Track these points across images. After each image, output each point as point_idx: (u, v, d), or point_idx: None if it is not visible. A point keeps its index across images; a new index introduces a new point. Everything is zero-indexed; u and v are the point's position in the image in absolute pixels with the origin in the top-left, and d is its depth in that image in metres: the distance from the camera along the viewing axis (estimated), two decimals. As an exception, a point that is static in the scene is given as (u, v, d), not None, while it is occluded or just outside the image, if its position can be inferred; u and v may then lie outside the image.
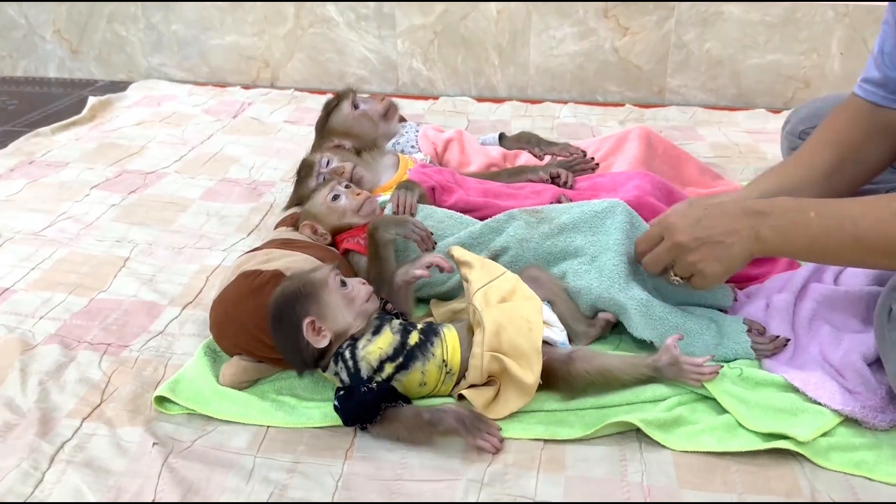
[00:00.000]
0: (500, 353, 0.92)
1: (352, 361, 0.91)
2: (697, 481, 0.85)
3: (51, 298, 1.22)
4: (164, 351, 1.09)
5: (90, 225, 1.48)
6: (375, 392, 0.89)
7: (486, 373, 0.93)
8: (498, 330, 0.93)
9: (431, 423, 0.88)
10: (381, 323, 0.95)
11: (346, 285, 0.96)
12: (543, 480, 0.85)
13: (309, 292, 0.93)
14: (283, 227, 1.29)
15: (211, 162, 1.82)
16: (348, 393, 0.90)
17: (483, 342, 0.92)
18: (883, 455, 0.87)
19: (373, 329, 0.94)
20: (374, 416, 0.89)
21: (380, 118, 1.53)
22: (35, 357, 1.06)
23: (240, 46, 2.55)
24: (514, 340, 0.93)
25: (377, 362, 0.91)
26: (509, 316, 0.95)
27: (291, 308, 0.93)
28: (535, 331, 0.94)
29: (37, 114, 2.27)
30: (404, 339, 0.93)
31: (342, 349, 0.93)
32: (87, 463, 0.88)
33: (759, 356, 1.02)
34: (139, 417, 0.95)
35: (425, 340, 0.94)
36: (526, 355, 0.92)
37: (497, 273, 1.02)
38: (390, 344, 0.92)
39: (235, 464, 0.88)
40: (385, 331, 0.94)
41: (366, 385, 0.90)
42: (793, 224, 0.92)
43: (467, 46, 2.42)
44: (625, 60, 2.36)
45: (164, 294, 1.24)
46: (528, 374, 0.92)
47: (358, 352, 0.92)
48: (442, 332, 0.96)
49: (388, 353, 0.92)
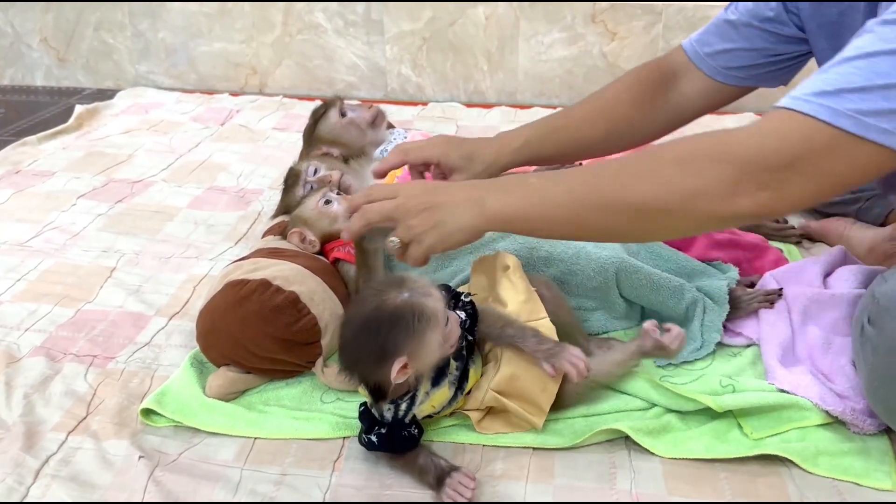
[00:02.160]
0: (506, 396, 0.90)
1: (403, 412, 0.86)
2: (686, 488, 0.84)
3: (37, 310, 1.21)
4: (151, 362, 1.08)
5: (77, 235, 1.47)
6: (416, 438, 0.87)
7: (484, 406, 0.92)
8: (512, 377, 0.90)
9: (419, 470, 0.85)
10: (442, 370, 0.88)
11: (448, 323, 0.85)
12: (532, 490, 0.85)
13: (418, 328, 0.80)
14: (271, 236, 1.29)
15: (199, 170, 1.81)
16: (390, 435, 0.86)
17: (493, 379, 0.90)
18: (871, 460, 0.87)
19: (433, 377, 0.87)
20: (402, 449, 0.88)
21: (368, 126, 1.53)
22: (20, 370, 1.05)
23: (228, 53, 2.54)
24: (524, 392, 0.90)
25: (423, 415, 0.89)
26: (528, 372, 0.90)
27: (392, 335, 0.80)
28: (548, 391, 0.90)
29: (23, 122, 2.26)
30: (457, 389, 0.90)
31: (401, 399, 0.86)
32: (73, 477, 0.87)
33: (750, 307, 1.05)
34: (125, 430, 0.94)
35: (457, 388, 0.90)
36: (534, 406, 0.91)
37: (538, 315, 0.93)
38: (443, 401, 0.89)
39: (222, 476, 0.87)
40: (444, 385, 0.89)
41: (407, 430, 0.87)
42: (515, 188, 0.89)
43: (456, 52, 2.42)
44: (613, 65, 2.36)
45: (151, 304, 1.23)
46: (536, 417, 0.90)
47: (415, 407, 0.87)
48: (469, 376, 0.92)
49: (439, 409, 0.89)
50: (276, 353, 1.00)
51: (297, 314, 1.01)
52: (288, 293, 1.01)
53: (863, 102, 0.74)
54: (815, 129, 0.76)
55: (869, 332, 0.87)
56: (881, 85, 0.73)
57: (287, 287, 1.02)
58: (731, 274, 1.14)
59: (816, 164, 0.77)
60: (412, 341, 0.80)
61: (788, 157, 0.77)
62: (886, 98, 0.73)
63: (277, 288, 1.01)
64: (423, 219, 0.88)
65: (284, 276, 1.04)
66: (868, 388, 0.87)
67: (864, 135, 0.74)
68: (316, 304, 1.03)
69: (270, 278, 1.03)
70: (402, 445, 0.87)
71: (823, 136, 0.75)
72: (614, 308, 1.10)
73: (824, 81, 0.77)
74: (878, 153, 0.75)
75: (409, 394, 0.86)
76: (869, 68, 0.74)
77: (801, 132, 0.77)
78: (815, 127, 0.76)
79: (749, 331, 1.07)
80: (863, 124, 0.74)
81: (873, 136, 0.74)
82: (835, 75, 0.76)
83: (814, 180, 0.78)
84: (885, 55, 0.74)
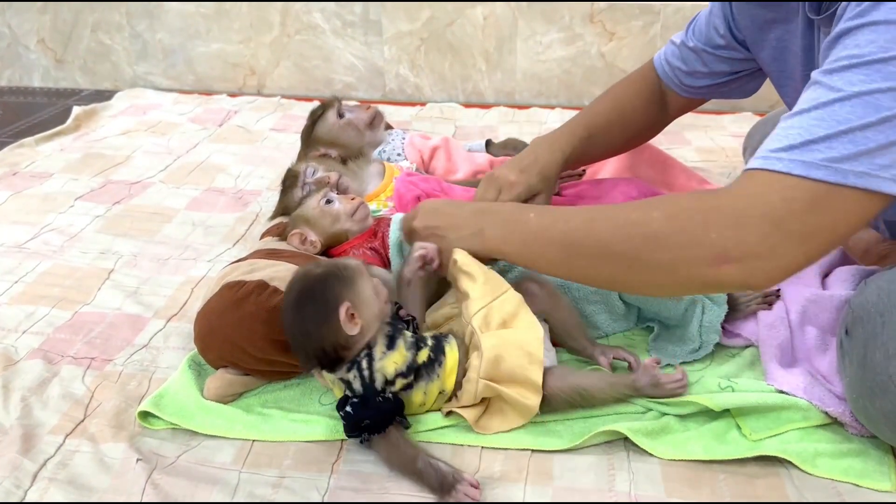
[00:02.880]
0: (496, 381, 0.90)
1: (368, 371, 0.89)
2: (685, 490, 0.84)
3: (34, 312, 1.21)
4: (149, 365, 1.08)
5: (74, 237, 1.47)
6: (392, 402, 0.88)
7: (479, 397, 0.92)
8: (496, 358, 0.90)
9: (417, 474, 0.85)
10: (394, 334, 0.92)
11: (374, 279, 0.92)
12: (531, 492, 0.84)
13: (347, 275, 0.89)
14: (269, 237, 1.28)
15: (197, 171, 1.81)
16: (363, 401, 0.88)
17: (480, 368, 0.90)
18: (871, 461, 0.87)
19: (386, 341, 0.91)
20: (386, 427, 0.87)
21: (366, 127, 1.53)
22: (18, 372, 1.05)
23: (226, 54, 2.54)
24: (513, 372, 0.90)
25: (392, 376, 0.89)
26: (509, 345, 0.91)
27: (329, 289, 0.88)
28: (534, 363, 0.91)
29: (21, 124, 2.26)
30: (414, 356, 0.91)
31: (360, 357, 0.90)
32: (70, 480, 0.87)
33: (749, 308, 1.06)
34: (123, 433, 0.94)
35: (433, 360, 0.92)
36: (526, 386, 0.90)
37: (501, 290, 0.96)
38: (404, 361, 0.90)
39: (220, 479, 0.87)
40: (399, 345, 0.91)
41: (380, 395, 0.88)
42: (513, 223, 0.94)
43: (454, 52, 2.42)
44: (611, 65, 2.36)
45: (149, 306, 1.23)
46: (530, 398, 0.90)
47: (375, 363, 0.89)
48: (446, 352, 0.93)
49: (402, 370, 0.90)
50: (273, 354, 1.00)
51: (294, 316, 1.01)
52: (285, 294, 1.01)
53: (831, 151, 0.74)
54: (791, 185, 0.75)
55: (845, 343, 0.86)
56: (843, 130, 0.73)
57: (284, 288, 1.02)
58: None
59: (803, 222, 0.75)
60: (347, 289, 0.88)
61: (773, 220, 0.76)
62: (853, 142, 0.73)
63: (275, 289, 1.01)
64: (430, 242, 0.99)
65: (282, 278, 1.04)
66: (848, 398, 0.87)
67: (843, 181, 0.73)
68: (314, 306, 1.03)
69: (268, 279, 1.02)
70: (380, 411, 0.87)
71: (802, 191, 0.75)
72: (614, 310, 1.10)
73: (788, 136, 0.77)
74: (859, 198, 0.74)
75: (366, 351, 0.89)
76: (829, 117, 0.74)
77: (778, 191, 0.76)
78: (792, 183, 0.75)
79: (747, 332, 1.06)
80: (839, 171, 0.74)
81: (852, 181, 0.73)
82: (797, 130, 0.76)
83: (803, 240, 0.76)
84: (838, 102, 0.74)
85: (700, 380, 0.99)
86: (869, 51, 0.73)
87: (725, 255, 0.77)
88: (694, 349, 1.04)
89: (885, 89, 0.72)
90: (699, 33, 1.18)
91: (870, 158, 0.73)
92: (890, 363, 0.78)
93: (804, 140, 0.75)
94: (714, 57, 1.17)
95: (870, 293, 0.84)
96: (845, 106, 0.74)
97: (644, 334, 1.11)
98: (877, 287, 0.84)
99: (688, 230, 0.80)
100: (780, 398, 0.92)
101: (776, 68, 1.09)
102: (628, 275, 0.85)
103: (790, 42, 1.02)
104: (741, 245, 0.77)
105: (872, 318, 0.81)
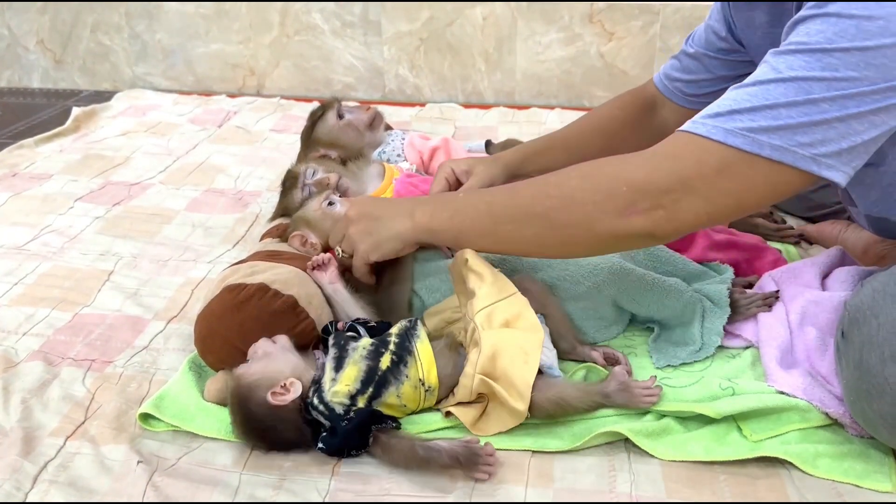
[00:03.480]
0: (491, 377, 0.90)
1: (322, 405, 0.88)
2: (686, 491, 0.84)
3: (34, 314, 1.21)
4: (149, 366, 1.08)
5: (74, 238, 1.47)
6: (356, 420, 0.87)
7: (475, 393, 0.91)
8: (494, 354, 0.90)
9: (426, 461, 0.85)
10: (340, 354, 0.92)
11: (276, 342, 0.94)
12: (532, 494, 0.84)
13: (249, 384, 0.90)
14: (269, 239, 1.28)
15: (196, 172, 1.81)
16: (331, 432, 0.88)
17: (477, 363, 0.90)
18: (871, 462, 0.87)
19: (334, 363, 0.91)
20: (364, 442, 0.87)
21: (365, 128, 1.53)
22: (18, 374, 1.05)
23: (225, 54, 2.54)
24: (508, 370, 0.90)
25: (349, 399, 0.88)
26: (508, 343, 0.91)
27: (250, 401, 0.89)
28: (530, 364, 0.90)
29: (20, 125, 2.26)
30: (374, 364, 0.90)
31: (310, 398, 0.89)
32: (71, 483, 0.87)
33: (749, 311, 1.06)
34: (123, 435, 0.94)
35: (398, 362, 0.91)
36: (516, 387, 0.89)
37: (507, 292, 0.96)
38: (357, 378, 0.89)
39: (221, 481, 0.87)
40: (348, 363, 0.91)
41: (345, 419, 0.87)
42: (442, 202, 0.98)
43: (454, 53, 2.42)
44: (611, 65, 2.36)
45: (149, 308, 1.23)
46: (518, 401, 0.89)
47: (325, 394, 0.88)
48: (415, 348, 0.93)
49: (356, 387, 0.88)
50: (274, 356, 1.00)
51: (295, 318, 1.01)
52: (286, 297, 1.01)
53: (752, 121, 0.77)
54: (707, 148, 0.80)
55: (842, 345, 0.86)
56: (768, 105, 0.77)
57: (285, 291, 1.02)
58: (725, 275, 1.14)
59: (710, 184, 0.80)
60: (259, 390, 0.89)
61: (681, 177, 0.81)
62: (775, 117, 0.77)
63: (276, 292, 1.01)
64: (360, 228, 1.01)
65: (283, 280, 1.04)
66: (846, 400, 0.87)
67: (758, 152, 0.77)
68: (314, 308, 1.03)
69: (268, 282, 1.02)
70: (349, 435, 0.87)
71: (716, 155, 0.79)
72: (604, 316, 1.09)
73: (718, 105, 0.81)
74: (771, 170, 0.78)
75: (314, 387, 0.90)
76: (761, 94, 0.78)
77: (694, 152, 0.80)
78: (708, 146, 0.79)
79: (747, 332, 1.06)
80: (755, 142, 0.77)
81: (767, 153, 0.77)
82: (729, 101, 0.80)
83: (708, 199, 0.81)
84: (774, 83, 0.78)
85: (701, 380, 0.99)
86: (816, 40, 0.76)
87: (634, 206, 0.83)
88: (695, 350, 1.03)
89: (820, 78, 0.76)
90: (699, 39, 1.18)
91: (790, 134, 0.77)
92: (886, 366, 0.78)
93: (730, 109, 0.79)
94: (717, 61, 1.17)
95: (865, 295, 0.85)
96: (780, 86, 0.77)
97: (644, 335, 1.11)
98: (871, 289, 0.84)
99: (601, 186, 0.86)
100: (780, 399, 0.92)
101: None
102: (549, 235, 0.90)
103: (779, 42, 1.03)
104: (648, 196, 0.82)
105: (868, 320, 0.81)
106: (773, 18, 1.03)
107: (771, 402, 0.91)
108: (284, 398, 0.88)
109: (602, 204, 0.84)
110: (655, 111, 1.25)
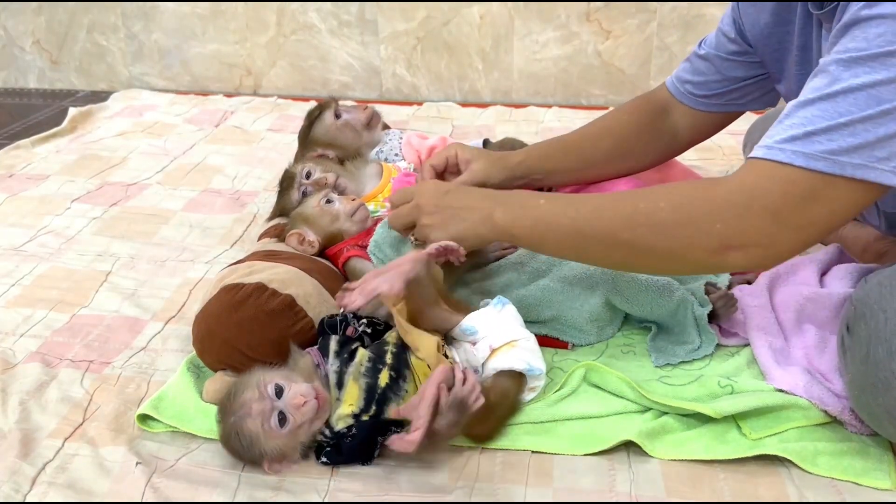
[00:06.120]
0: None
1: (328, 429, 0.88)
2: (685, 490, 0.84)
3: (32, 315, 1.21)
4: (147, 367, 1.08)
5: (71, 239, 1.47)
6: (359, 436, 0.86)
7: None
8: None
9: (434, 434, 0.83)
10: (341, 369, 0.91)
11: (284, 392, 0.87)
12: (532, 493, 0.84)
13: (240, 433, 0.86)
14: (267, 239, 1.28)
15: (193, 172, 1.81)
16: (335, 448, 0.87)
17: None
18: (871, 459, 0.87)
19: (336, 381, 0.90)
20: (370, 455, 0.87)
21: (363, 127, 1.53)
22: (16, 376, 1.05)
23: (222, 54, 2.54)
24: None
25: (353, 414, 0.87)
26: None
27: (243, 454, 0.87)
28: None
29: (17, 125, 2.25)
30: (373, 382, 0.88)
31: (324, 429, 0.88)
32: (70, 484, 0.87)
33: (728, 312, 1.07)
34: (122, 436, 0.94)
35: (396, 378, 0.89)
36: None
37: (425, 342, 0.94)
38: (359, 396, 0.87)
39: (220, 482, 0.87)
40: (348, 383, 0.89)
41: (349, 436, 0.86)
42: (523, 207, 0.96)
43: (450, 52, 2.42)
44: (608, 64, 2.36)
45: (147, 309, 1.22)
46: None
47: (332, 420, 0.88)
48: (412, 363, 0.92)
49: (360, 405, 0.87)
50: (272, 357, 0.99)
51: (293, 317, 1.01)
52: (284, 296, 1.01)
53: (831, 142, 0.77)
54: (791, 177, 0.79)
55: (847, 340, 0.86)
56: (844, 123, 0.76)
57: (283, 290, 1.02)
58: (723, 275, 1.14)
59: (800, 213, 0.80)
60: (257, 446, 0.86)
61: (772, 212, 0.81)
62: (853, 134, 0.76)
63: (273, 291, 1.01)
64: (436, 219, 0.98)
65: (280, 280, 1.04)
66: (850, 395, 0.87)
67: (841, 173, 0.77)
68: (312, 307, 1.03)
69: (266, 282, 1.02)
70: (350, 448, 0.86)
71: (801, 185, 0.79)
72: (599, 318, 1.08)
73: (791, 126, 0.80)
74: (855, 188, 0.78)
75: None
76: (832, 109, 0.77)
77: (779, 183, 0.80)
78: (792, 175, 0.79)
79: (743, 331, 1.06)
80: (837, 163, 0.77)
81: (850, 173, 0.77)
82: (800, 119, 0.79)
83: (800, 229, 0.82)
84: (842, 94, 0.77)
85: (700, 378, 0.99)
86: (876, 44, 0.75)
87: (728, 243, 0.83)
88: (693, 349, 1.04)
89: (887, 80, 0.75)
90: (710, 42, 1.17)
91: (869, 151, 0.76)
92: (893, 359, 0.78)
93: (806, 131, 0.78)
94: (727, 62, 1.16)
95: (871, 289, 0.84)
96: (848, 98, 0.76)
97: (643, 333, 1.11)
98: (878, 283, 0.84)
99: (693, 220, 0.85)
100: (779, 397, 0.92)
101: (776, 69, 1.09)
102: (637, 260, 0.91)
103: (788, 42, 1.03)
104: (743, 235, 0.82)
105: (875, 314, 0.81)
106: (777, 18, 1.03)
107: (770, 401, 0.91)
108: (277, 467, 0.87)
109: (696, 239, 0.84)
110: (666, 115, 1.24)
